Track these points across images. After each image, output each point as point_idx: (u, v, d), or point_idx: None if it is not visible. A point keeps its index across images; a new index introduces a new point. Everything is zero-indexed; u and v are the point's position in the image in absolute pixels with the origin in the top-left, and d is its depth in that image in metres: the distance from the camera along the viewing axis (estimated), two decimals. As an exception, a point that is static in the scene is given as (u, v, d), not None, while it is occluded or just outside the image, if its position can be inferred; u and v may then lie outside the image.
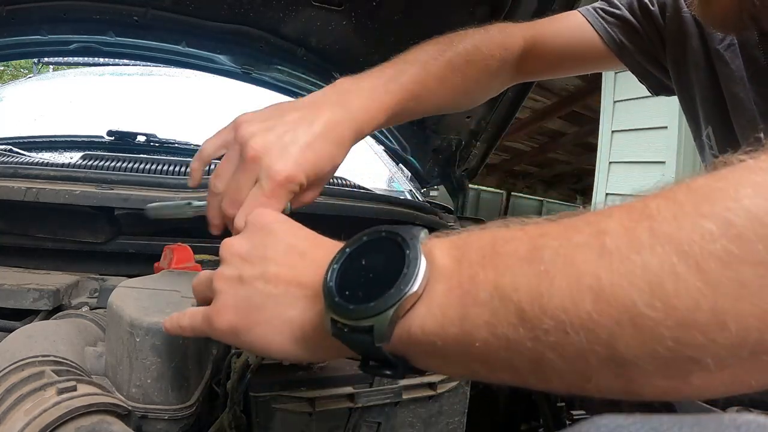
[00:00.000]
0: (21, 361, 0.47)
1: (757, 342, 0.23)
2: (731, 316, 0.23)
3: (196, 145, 1.57)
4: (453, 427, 0.60)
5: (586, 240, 0.26)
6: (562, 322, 0.25)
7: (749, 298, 0.22)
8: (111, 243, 0.93)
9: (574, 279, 0.25)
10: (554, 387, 0.28)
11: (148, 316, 0.51)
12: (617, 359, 0.25)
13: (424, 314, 0.30)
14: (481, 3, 1.12)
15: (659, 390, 0.26)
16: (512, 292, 0.26)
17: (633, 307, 0.24)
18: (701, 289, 0.23)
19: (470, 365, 0.30)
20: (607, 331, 0.24)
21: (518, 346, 0.26)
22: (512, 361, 0.27)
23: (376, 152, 1.98)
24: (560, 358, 0.26)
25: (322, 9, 1.19)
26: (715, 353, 0.23)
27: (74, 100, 1.85)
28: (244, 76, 1.48)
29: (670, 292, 0.23)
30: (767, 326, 0.23)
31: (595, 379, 0.26)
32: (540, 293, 0.26)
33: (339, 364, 0.55)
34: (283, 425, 0.52)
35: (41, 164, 0.99)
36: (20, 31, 1.20)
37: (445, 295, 0.29)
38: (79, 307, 0.76)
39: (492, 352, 0.28)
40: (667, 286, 0.23)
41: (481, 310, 0.27)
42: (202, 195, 0.67)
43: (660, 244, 0.24)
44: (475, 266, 0.29)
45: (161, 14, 1.18)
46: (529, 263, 0.27)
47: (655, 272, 0.24)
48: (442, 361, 0.31)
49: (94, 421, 0.42)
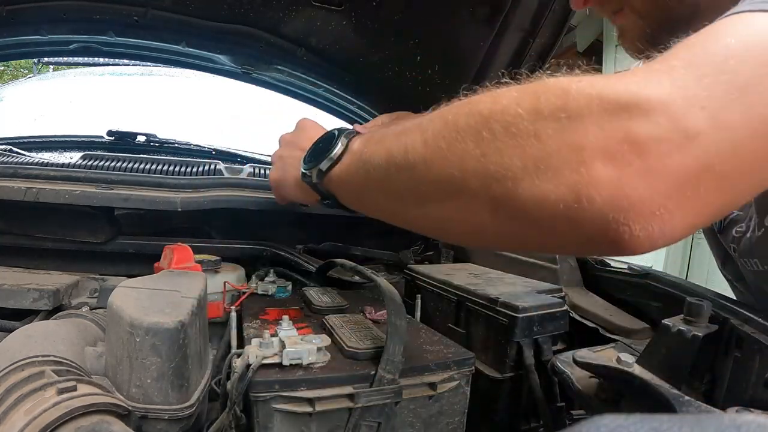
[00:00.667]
0: (21, 361, 0.47)
1: (450, 182, 0.42)
2: (435, 165, 0.43)
3: (196, 145, 1.57)
4: (453, 427, 0.60)
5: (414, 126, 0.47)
6: (394, 164, 0.47)
7: (447, 156, 0.41)
8: (111, 243, 0.93)
9: (401, 144, 0.47)
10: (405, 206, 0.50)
11: (148, 316, 0.51)
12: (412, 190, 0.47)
13: (338, 170, 0.58)
14: (481, 3, 1.11)
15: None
16: (382, 150, 0.50)
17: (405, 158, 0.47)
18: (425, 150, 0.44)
19: (364, 197, 0.56)
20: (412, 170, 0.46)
21: (384, 180, 0.50)
22: (384, 188, 0.51)
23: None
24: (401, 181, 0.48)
25: (322, 9, 1.19)
26: (428, 189, 0.45)
27: (74, 100, 1.85)
28: (244, 76, 1.48)
29: (412, 152, 0.45)
30: (460, 172, 0.40)
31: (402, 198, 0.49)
32: (390, 150, 0.48)
33: (339, 365, 0.55)
34: (283, 425, 0.52)
35: (41, 164, 0.99)
36: (20, 31, 1.20)
37: (350, 160, 0.57)
38: (79, 307, 0.76)
39: (372, 185, 0.52)
40: (413, 149, 0.45)
41: (368, 165, 0.52)
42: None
43: (426, 129, 0.45)
44: (371, 145, 0.53)
45: (161, 14, 1.18)
46: (393, 135, 0.49)
47: (410, 143, 0.46)
48: (352, 196, 0.58)
49: (94, 421, 0.42)
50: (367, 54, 1.31)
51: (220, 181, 1.03)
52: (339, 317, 0.70)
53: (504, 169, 0.37)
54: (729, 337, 0.61)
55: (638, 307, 0.82)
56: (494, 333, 0.72)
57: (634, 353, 0.61)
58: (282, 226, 1.18)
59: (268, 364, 0.52)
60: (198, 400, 0.54)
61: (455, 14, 1.16)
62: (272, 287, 0.84)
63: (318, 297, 0.81)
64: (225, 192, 0.99)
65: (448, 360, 0.59)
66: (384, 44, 1.27)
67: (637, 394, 0.54)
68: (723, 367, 0.61)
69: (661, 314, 0.64)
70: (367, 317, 0.72)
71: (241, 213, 1.02)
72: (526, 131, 0.36)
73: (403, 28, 1.23)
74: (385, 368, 0.54)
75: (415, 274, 0.94)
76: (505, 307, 0.70)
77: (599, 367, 0.57)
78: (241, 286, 0.84)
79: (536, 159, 0.36)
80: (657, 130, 0.34)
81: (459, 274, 0.90)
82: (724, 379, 0.61)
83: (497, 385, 0.70)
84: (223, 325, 0.78)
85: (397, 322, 0.57)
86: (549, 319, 0.71)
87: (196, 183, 0.99)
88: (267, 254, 1.03)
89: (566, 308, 0.75)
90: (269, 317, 0.71)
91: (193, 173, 1.09)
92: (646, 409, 0.52)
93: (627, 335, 0.75)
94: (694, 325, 0.56)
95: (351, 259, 0.83)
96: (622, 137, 0.34)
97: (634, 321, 0.78)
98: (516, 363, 0.70)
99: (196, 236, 1.06)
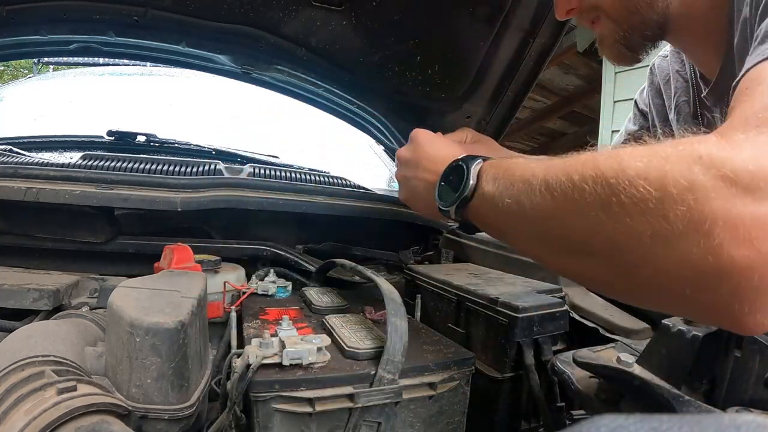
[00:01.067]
0: (21, 361, 0.47)
1: (580, 243, 0.44)
2: (564, 225, 0.45)
3: (196, 145, 1.57)
4: (453, 427, 0.60)
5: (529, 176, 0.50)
6: (524, 217, 0.50)
7: (576, 220, 0.43)
8: (111, 243, 0.93)
9: (530, 197, 0.48)
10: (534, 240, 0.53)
11: (148, 316, 0.51)
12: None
13: (474, 210, 0.58)
14: (481, 3, 1.11)
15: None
16: (513, 202, 0.51)
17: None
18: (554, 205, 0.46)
19: (503, 236, 0.57)
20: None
21: (517, 227, 0.52)
22: (517, 232, 0.54)
23: (376, 152, 1.98)
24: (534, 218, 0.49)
25: (322, 9, 1.19)
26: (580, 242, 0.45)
27: (74, 100, 1.85)
28: (244, 76, 1.48)
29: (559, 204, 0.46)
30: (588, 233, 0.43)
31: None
32: (521, 202, 0.50)
33: (339, 365, 0.55)
34: (283, 425, 0.52)
35: (41, 164, 0.99)
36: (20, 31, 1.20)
37: (481, 203, 0.56)
38: (79, 307, 0.76)
39: (507, 229, 0.55)
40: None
41: (500, 211, 0.53)
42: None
43: (553, 188, 0.46)
44: (502, 189, 0.53)
45: (161, 14, 1.18)
46: (522, 182, 0.50)
47: (538, 199, 0.47)
48: (491, 231, 0.60)
49: (94, 421, 0.42)
50: (367, 54, 1.31)
51: (220, 181, 1.03)
52: (339, 317, 0.70)
53: (634, 242, 0.39)
54: (729, 337, 0.61)
55: (638, 307, 0.82)
56: (494, 333, 0.72)
57: (634, 353, 0.61)
58: (282, 226, 1.18)
59: (268, 364, 0.52)
60: (198, 400, 0.54)
61: (455, 14, 1.16)
62: (272, 287, 0.84)
63: (318, 297, 0.81)
64: (225, 192, 0.99)
65: (448, 360, 0.59)
66: (384, 44, 1.27)
67: (637, 394, 0.54)
68: (723, 367, 0.61)
69: (661, 314, 0.64)
70: (367, 317, 0.72)
71: (241, 213, 1.02)
72: (656, 211, 0.37)
73: (403, 28, 1.23)
74: (385, 368, 0.54)
75: (415, 274, 0.94)
76: (505, 307, 0.70)
77: (599, 367, 0.57)
78: (241, 286, 0.84)
79: (665, 238, 0.37)
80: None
81: (459, 274, 0.90)
82: (724, 379, 0.61)
83: (497, 385, 0.70)
84: (223, 325, 0.78)
85: (397, 322, 0.57)
86: (549, 319, 0.71)
87: (196, 183, 0.99)
88: (267, 254, 1.03)
89: (566, 308, 0.75)
90: (269, 317, 0.71)
91: (193, 173, 1.09)
92: (646, 409, 0.52)
93: (627, 335, 0.75)
94: (694, 325, 0.56)
95: (351, 259, 0.83)
96: (750, 221, 0.35)
97: (634, 321, 0.78)
98: (516, 363, 0.70)
99: (196, 236, 1.06)
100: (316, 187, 1.18)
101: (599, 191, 0.41)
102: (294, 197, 1.07)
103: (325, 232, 1.18)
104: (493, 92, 1.34)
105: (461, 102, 1.39)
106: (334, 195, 1.15)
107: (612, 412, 0.21)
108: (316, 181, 1.30)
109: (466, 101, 1.39)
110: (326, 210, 1.10)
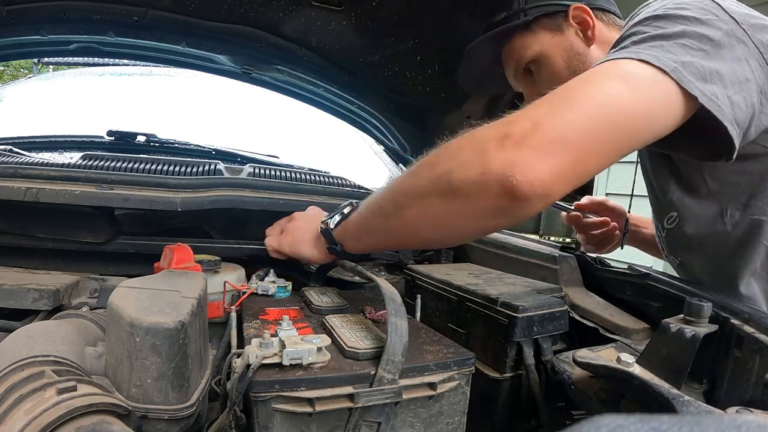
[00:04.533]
0: (21, 361, 0.47)
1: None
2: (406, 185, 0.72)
3: (196, 145, 1.57)
4: (453, 427, 0.60)
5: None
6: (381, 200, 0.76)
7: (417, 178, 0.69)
8: (111, 243, 0.93)
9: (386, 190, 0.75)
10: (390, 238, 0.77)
11: (148, 316, 0.51)
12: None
13: (340, 231, 0.82)
14: (481, 3, 1.11)
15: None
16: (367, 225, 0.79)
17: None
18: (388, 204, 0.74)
19: (359, 239, 0.80)
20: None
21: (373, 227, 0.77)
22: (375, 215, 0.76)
23: (376, 152, 1.98)
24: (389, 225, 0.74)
25: (322, 9, 1.19)
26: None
27: (74, 100, 1.85)
28: (244, 76, 1.48)
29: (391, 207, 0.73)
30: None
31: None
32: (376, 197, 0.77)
33: (339, 365, 0.55)
34: (283, 425, 0.52)
35: (41, 164, 0.99)
36: (20, 31, 1.20)
37: (344, 227, 0.82)
38: (79, 307, 0.76)
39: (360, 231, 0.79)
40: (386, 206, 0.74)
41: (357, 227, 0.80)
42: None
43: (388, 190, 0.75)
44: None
45: (161, 14, 1.19)
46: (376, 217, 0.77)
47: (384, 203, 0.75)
48: (348, 241, 0.81)
49: (94, 421, 0.42)
50: (366, 54, 1.31)
51: (220, 181, 1.03)
52: (339, 317, 0.70)
53: (446, 174, 0.63)
54: (729, 337, 0.61)
55: (638, 307, 0.82)
56: (494, 333, 0.72)
57: (634, 353, 0.61)
58: (282, 226, 1.17)
59: (268, 364, 0.52)
60: (198, 400, 0.54)
61: (455, 14, 1.16)
62: (272, 287, 0.84)
63: (318, 297, 0.81)
64: (225, 192, 0.99)
65: (448, 360, 0.59)
66: (384, 44, 1.27)
67: (637, 394, 0.54)
68: (723, 367, 0.61)
69: (661, 314, 0.64)
70: (367, 317, 0.72)
71: (241, 213, 1.02)
72: (458, 147, 0.65)
73: (403, 28, 1.23)
74: (385, 368, 0.54)
75: (415, 274, 0.94)
76: (505, 307, 0.70)
77: (599, 367, 0.57)
78: (241, 286, 0.84)
79: (461, 162, 0.62)
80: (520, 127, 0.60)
81: (459, 274, 0.90)
82: (724, 379, 0.61)
83: (497, 385, 0.70)
84: (223, 325, 0.78)
85: (397, 322, 0.57)
86: (549, 319, 0.71)
87: (196, 183, 0.99)
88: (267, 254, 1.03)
89: (566, 308, 0.75)
90: (269, 317, 0.71)
91: (193, 173, 1.09)
92: (646, 409, 0.52)
93: (627, 335, 0.75)
94: (694, 325, 0.56)
95: (351, 260, 0.83)
96: (503, 135, 0.59)
97: (634, 321, 0.78)
98: (516, 363, 0.70)
99: (196, 236, 1.06)
100: (316, 187, 1.18)
101: (425, 160, 0.68)
102: (294, 197, 1.07)
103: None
104: (493, 92, 1.34)
105: (461, 102, 1.40)
106: (334, 195, 1.15)
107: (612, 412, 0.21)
108: (316, 181, 1.30)
109: (466, 101, 1.39)
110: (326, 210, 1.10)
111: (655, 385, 0.50)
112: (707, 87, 0.60)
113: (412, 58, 1.30)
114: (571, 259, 0.96)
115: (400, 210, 0.70)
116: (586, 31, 0.91)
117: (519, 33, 0.94)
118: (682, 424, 0.18)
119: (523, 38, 0.94)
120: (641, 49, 0.62)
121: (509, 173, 0.57)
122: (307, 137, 2.01)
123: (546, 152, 0.57)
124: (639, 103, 0.59)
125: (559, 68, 0.91)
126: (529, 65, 0.95)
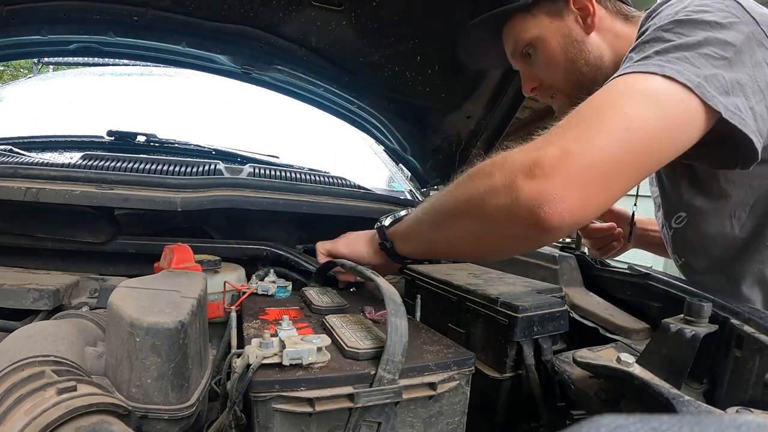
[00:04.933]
0: (21, 361, 0.47)
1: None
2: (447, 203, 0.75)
3: (196, 145, 1.57)
4: (453, 427, 0.60)
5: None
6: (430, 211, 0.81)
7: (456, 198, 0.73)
8: (111, 243, 0.93)
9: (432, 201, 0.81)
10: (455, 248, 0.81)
11: (148, 316, 0.51)
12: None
13: (392, 231, 0.89)
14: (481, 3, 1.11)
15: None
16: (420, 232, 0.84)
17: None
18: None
19: (408, 243, 0.87)
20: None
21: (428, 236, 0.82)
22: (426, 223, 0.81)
23: (376, 152, 1.98)
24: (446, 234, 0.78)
25: (322, 9, 1.19)
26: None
27: (74, 100, 1.85)
28: (244, 76, 1.48)
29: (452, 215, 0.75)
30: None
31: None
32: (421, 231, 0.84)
33: (339, 365, 0.55)
34: (283, 425, 0.52)
35: (41, 164, 0.99)
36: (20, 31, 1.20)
37: (396, 228, 0.89)
38: (79, 307, 0.76)
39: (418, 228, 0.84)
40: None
41: (407, 231, 0.87)
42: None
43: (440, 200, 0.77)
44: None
45: (161, 14, 1.18)
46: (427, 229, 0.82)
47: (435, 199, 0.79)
48: (398, 242, 0.87)
49: (94, 421, 0.42)
50: (366, 54, 1.31)
51: (220, 181, 1.03)
52: (339, 317, 0.70)
53: (479, 199, 0.67)
54: (729, 337, 0.61)
55: (638, 307, 0.82)
56: (494, 333, 0.72)
57: (634, 353, 0.61)
58: (282, 226, 1.18)
59: (268, 364, 0.52)
60: (198, 400, 0.54)
61: (455, 14, 1.16)
62: (272, 287, 0.84)
63: (318, 297, 0.81)
64: (225, 192, 0.99)
65: (448, 360, 0.59)
66: (384, 44, 1.27)
67: (637, 394, 0.54)
68: (723, 367, 0.61)
69: (661, 314, 0.64)
70: (367, 317, 0.72)
71: (241, 213, 1.02)
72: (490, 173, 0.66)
73: (403, 28, 1.23)
74: (385, 368, 0.54)
75: (415, 274, 0.94)
76: (505, 307, 0.70)
77: (599, 367, 0.57)
78: (241, 286, 0.84)
79: (492, 188, 0.64)
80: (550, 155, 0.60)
81: (459, 274, 0.90)
82: (724, 379, 0.61)
83: (497, 385, 0.70)
84: (223, 325, 0.78)
85: (397, 322, 0.57)
86: (549, 319, 0.71)
87: (196, 183, 0.99)
88: (267, 254, 1.03)
89: (566, 308, 0.75)
90: (269, 317, 0.71)
91: (193, 173, 1.09)
92: (646, 409, 0.52)
93: (627, 335, 0.75)
94: (694, 325, 0.56)
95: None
96: (533, 163, 0.60)
97: (634, 321, 0.78)
98: (516, 363, 0.70)
99: (196, 236, 1.06)
100: (316, 187, 1.18)
101: (464, 179, 0.71)
102: (294, 197, 1.07)
103: (325, 232, 1.18)
104: (492, 92, 1.34)
105: (461, 102, 1.40)
106: (334, 195, 1.15)
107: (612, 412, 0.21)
108: (316, 181, 1.30)
109: (466, 101, 1.39)
110: (326, 210, 1.10)
111: (655, 385, 0.50)
112: (730, 100, 0.61)
113: (412, 58, 1.30)
114: (571, 259, 0.96)
115: (438, 227, 0.76)
116: (586, 17, 0.89)
117: (519, 14, 0.93)
118: (682, 424, 0.18)
119: (522, 20, 0.93)
120: (664, 62, 0.62)
121: (538, 205, 0.58)
122: (307, 137, 2.01)
123: (576, 182, 0.58)
124: (666, 124, 0.60)
125: (556, 54, 0.90)
126: (526, 48, 0.94)
